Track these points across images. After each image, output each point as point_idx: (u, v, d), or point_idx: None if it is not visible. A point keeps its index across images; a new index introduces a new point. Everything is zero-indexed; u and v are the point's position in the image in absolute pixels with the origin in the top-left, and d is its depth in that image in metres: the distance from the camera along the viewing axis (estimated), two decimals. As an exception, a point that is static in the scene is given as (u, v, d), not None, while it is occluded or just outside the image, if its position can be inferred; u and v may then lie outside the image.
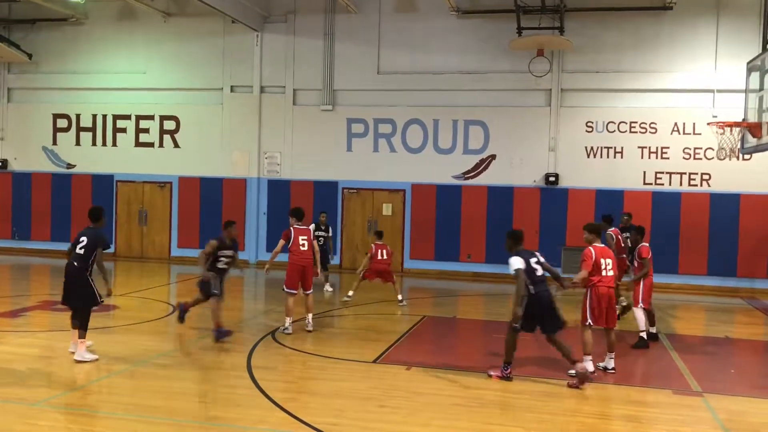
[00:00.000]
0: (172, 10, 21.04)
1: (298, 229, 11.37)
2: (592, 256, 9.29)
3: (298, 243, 11.23)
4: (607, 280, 9.29)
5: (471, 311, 14.47)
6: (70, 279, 9.54)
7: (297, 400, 7.99)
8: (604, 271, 9.28)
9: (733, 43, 17.72)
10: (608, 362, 9.51)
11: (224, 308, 14.71)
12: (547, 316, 8.84)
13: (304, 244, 11.28)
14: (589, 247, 9.43)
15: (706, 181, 18.18)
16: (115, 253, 21.61)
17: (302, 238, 11.28)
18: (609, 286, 9.31)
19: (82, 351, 9.38)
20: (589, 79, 18.72)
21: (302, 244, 11.26)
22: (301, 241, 11.25)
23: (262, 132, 20.66)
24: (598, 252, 9.35)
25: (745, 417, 8.01)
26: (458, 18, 19.29)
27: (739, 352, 12.01)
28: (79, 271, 9.43)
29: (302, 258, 11.27)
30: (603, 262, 9.29)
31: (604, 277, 9.27)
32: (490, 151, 19.28)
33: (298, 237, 11.24)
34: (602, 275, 9.26)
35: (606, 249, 9.55)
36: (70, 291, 9.57)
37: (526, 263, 8.83)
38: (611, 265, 9.35)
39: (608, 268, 9.30)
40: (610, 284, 9.32)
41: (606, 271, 9.28)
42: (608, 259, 9.37)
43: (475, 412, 7.79)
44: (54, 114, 22.06)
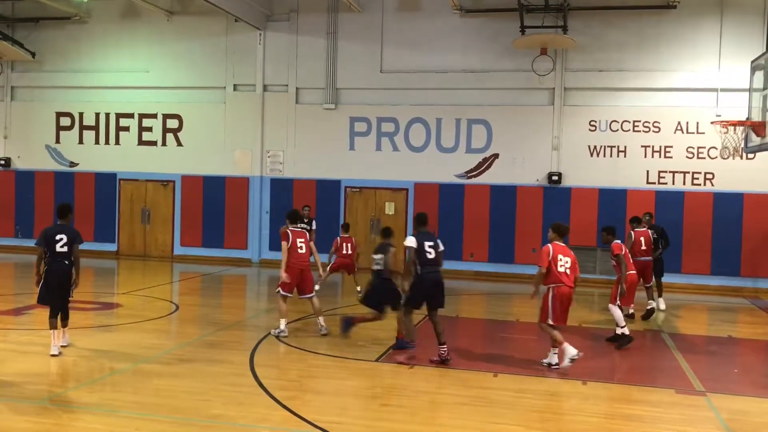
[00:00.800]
0: (175, 9, 21.05)
1: (295, 231, 11.34)
2: (549, 252, 9.37)
3: (296, 246, 11.21)
4: (566, 279, 9.33)
5: (473, 310, 14.47)
6: (65, 278, 9.56)
7: (299, 398, 7.99)
8: (562, 268, 9.32)
9: (736, 41, 17.68)
10: (551, 357, 9.56)
11: (228, 306, 14.79)
12: (432, 295, 9.67)
13: (302, 247, 11.23)
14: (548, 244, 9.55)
15: (710, 181, 18.15)
16: (118, 251, 21.64)
17: (300, 241, 11.23)
18: (569, 286, 9.35)
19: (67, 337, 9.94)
20: (592, 77, 18.70)
21: (300, 247, 11.21)
22: (299, 244, 11.21)
23: (264, 130, 20.66)
24: (557, 249, 9.42)
25: (748, 417, 8.00)
26: (461, 17, 19.27)
27: (742, 351, 11.98)
28: (70, 268, 9.56)
29: (300, 261, 11.25)
30: (562, 259, 9.35)
31: (563, 274, 9.31)
32: (493, 150, 19.26)
33: (296, 240, 11.22)
34: (560, 273, 9.30)
35: (565, 247, 9.55)
36: (63, 289, 9.62)
37: (419, 244, 9.59)
38: (569, 263, 9.37)
39: (567, 266, 9.34)
40: (569, 284, 9.35)
41: (565, 269, 9.33)
42: (567, 257, 9.40)
43: (478, 411, 7.78)
44: (57, 112, 22.09)
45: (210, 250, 20.96)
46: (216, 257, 20.76)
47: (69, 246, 9.50)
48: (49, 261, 9.49)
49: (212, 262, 20.46)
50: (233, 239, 20.81)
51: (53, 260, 9.47)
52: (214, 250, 20.92)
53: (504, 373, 9.34)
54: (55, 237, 9.45)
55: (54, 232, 9.52)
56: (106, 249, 21.59)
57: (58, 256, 9.45)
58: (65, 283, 9.58)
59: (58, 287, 9.56)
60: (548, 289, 9.42)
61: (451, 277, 17.96)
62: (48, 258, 9.49)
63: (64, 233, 9.50)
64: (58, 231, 9.53)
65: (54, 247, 9.42)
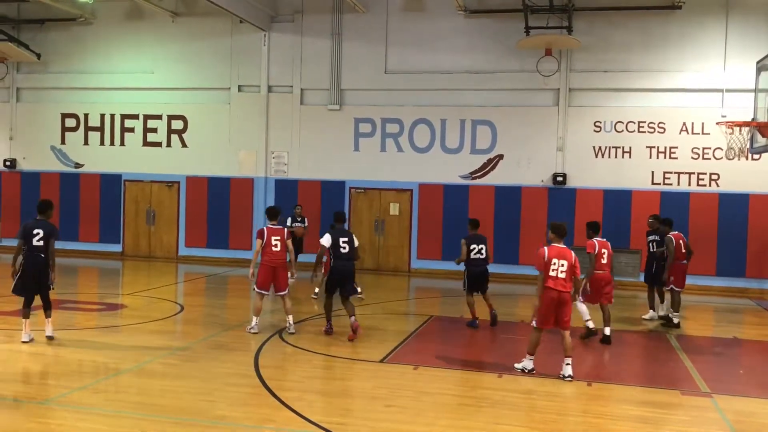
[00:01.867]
0: (180, 10, 21.09)
1: (272, 228, 11.34)
2: (543, 255, 9.13)
3: (271, 243, 11.21)
4: (553, 283, 9.03)
5: (478, 311, 14.42)
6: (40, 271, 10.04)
7: (304, 399, 7.99)
8: (554, 272, 9.03)
9: (742, 42, 17.64)
10: (565, 369, 9.09)
11: (233, 307, 14.79)
12: (344, 283, 11.11)
13: (277, 245, 11.23)
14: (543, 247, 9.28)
15: (715, 181, 18.10)
16: (123, 252, 21.68)
17: (275, 238, 11.23)
18: (558, 290, 9.03)
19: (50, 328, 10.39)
20: (597, 78, 18.67)
21: (275, 245, 11.22)
22: (273, 242, 11.21)
23: (269, 131, 20.68)
24: (552, 252, 9.14)
25: (754, 418, 7.97)
26: (466, 17, 19.26)
27: (747, 353, 11.95)
28: (45, 261, 10.04)
29: (273, 258, 11.25)
30: (556, 262, 9.05)
31: (551, 278, 9.03)
32: (498, 151, 19.24)
33: (270, 237, 11.23)
34: (549, 276, 9.03)
35: (563, 250, 9.18)
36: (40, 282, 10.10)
37: (333, 240, 11.04)
38: (565, 266, 9.05)
39: (560, 270, 9.03)
40: (559, 287, 9.03)
41: (557, 273, 9.03)
42: (562, 261, 9.07)
43: (482, 412, 7.77)
44: (62, 114, 22.13)
45: (215, 250, 20.98)
46: (221, 258, 20.77)
47: (45, 241, 10.03)
48: (26, 254, 10.07)
49: (217, 263, 20.47)
50: (238, 240, 20.82)
51: (30, 254, 10.04)
52: (219, 251, 20.94)
53: (508, 374, 9.33)
54: (33, 231, 10.03)
55: (32, 226, 10.11)
56: (111, 250, 21.64)
57: (34, 250, 10.01)
58: (40, 275, 10.08)
59: (32, 279, 10.08)
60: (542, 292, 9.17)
61: (455, 278, 18.00)
62: (25, 251, 10.06)
63: (40, 228, 10.07)
64: (35, 226, 10.10)
65: (31, 241, 10.00)
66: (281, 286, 11.44)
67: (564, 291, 9.10)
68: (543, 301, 9.12)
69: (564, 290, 9.10)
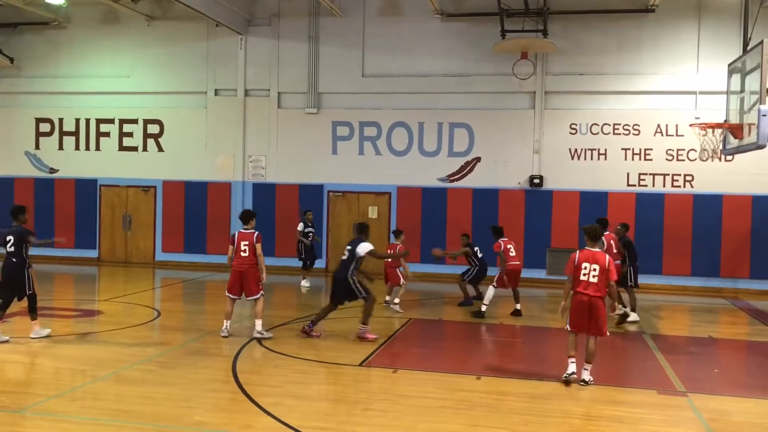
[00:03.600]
0: (156, 14, 20.97)
1: (242, 233, 11.33)
2: (574, 259, 9.07)
3: (240, 248, 11.23)
4: (587, 286, 8.92)
5: (457, 313, 14.49)
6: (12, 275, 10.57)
7: (283, 404, 7.96)
8: (585, 276, 8.92)
9: (714, 45, 17.89)
10: (583, 373, 9.08)
11: (211, 312, 14.71)
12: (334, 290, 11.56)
13: (245, 250, 11.22)
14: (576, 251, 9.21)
15: (689, 183, 18.33)
16: (99, 257, 21.49)
17: (243, 243, 11.23)
18: (589, 294, 8.90)
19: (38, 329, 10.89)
20: (572, 81, 18.83)
21: (243, 250, 11.22)
22: (242, 246, 11.22)
23: (246, 135, 20.61)
24: (582, 256, 9.05)
25: (729, 416, 8.08)
26: (442, 21, 19.35)
27: (722, 351, 12.09)
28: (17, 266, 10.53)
29: (241, 263, 11.26)
30: (587, 266, 8.93)
31: (584, 282, 8.92)
32: (475, 154, 19.34)
33: (240, 242, 11.24)
34: (581, 281, 8.93)
35: (597, 253, 9.05)
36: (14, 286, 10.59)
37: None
38: (597, 270, 8.89)
39: (592, 274, 8.89)
40: (590, 292, 8.90)
41: (588, 277, 8.91)
42: (594, 265, 8.91)
43: (461, 414, 7.80)
44: (36, 118, 21.92)
45: (192, 255, 20.86)
46: (198, 263, 20.66)
47: (17, 245, 10.51)
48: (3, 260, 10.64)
49: (194, 268, 20.36)
50: (215, 245, 20.69)
51: (5, 259, 10.58)
52: (197, 256, 20.82)
53: (487, 375, 9.38)
54: (6, 238, 10.55)
55: (5, 233, 10.63)
56: (86, 255, 21.45)
57: (8, 255, 10.57)
58: (13, 280, 10.55)
59: (6, 283, 10.59)
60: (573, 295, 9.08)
61: (433, 281, 18.05)
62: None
63: (12, 234, 10.58)
64: (8, 232, 10.61)
65: (6, 247, 10.57)
66: (251, 291, 11.37)
67: (594, 296, 8.92)
68: (573, 305, 9.02)
69: (595, 295, 8.92)
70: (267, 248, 20.09)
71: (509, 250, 13.79)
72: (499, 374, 9.47)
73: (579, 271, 8.97)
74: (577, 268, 8.98)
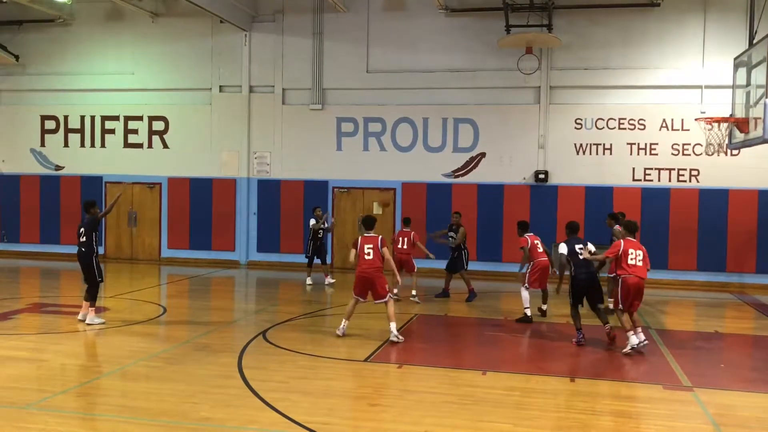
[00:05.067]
0: (160, 11, 20.97)
1: (365, 237, 11.08)
2: (619, 246, 10.42)
3: (364, 252, 10.97)
4: (635, 270, 10.27)
5: (462, 309, 14.48)
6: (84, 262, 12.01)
7: (288, 399, 7.98)
8: (633, 261, 10.26)
9: (720, 39, 17.80)
10: (639, 335, 10.36)
11: (216, 308, 14.75)
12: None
13: (369, 253, 10.89)
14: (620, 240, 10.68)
15: (695, 177, 18.26)
16: (105, 254, 21.54)
17: (367, 247, 10.94)
18: (639, 276, 10.28)
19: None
20: (577, 76, 18.77)
21: (367, 253, 10.90)
22: (366, 250, 10.94)
23: (251, 132, 20.62)
24: (627, 244, 10.39)
25: (735, 411, 8.06)
26: (446, 16, 19.30)
27: (728, 346, 12.08)
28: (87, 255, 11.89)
29: (366, 268, 11.00)
30: (633, 252, 10.31)
31: (633, 266, 10.26)
32: (480, 149, 19.31)
33: (363, 245, 11.05)
34: (629, 265, 10.26)
35: (637, 243, 10.48)
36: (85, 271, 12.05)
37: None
38: (641, 256, 10.32)
39: (638, 259, 10.29)
40: (640, 274, 10.28)
41: (635, 261, 10.27)
42: (638, 251, 10.34)
43: (466, 409, 7.80)
44: (42, 116, 21.96)
45: (198, 252, 20.90)
46: (204, 259, 20.70)
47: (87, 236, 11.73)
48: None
49: (200, 264, 20.40)
50: (221, 241, 20.76)
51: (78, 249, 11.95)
52: (202, 252, 20.86)
53: (492, 370, 9.37)
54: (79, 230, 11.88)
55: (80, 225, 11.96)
56: (92, 252, 21.47)
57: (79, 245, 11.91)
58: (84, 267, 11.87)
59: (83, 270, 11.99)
60: (619, 280, 10.49)
61: (439, 276, 18.04)
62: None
63: (83, 226, 11.83)
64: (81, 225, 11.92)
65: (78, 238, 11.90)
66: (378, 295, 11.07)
67: (643, 278, 10.40)
68: (624, 285, 10.36)
69: (644, 277, 10.40)
70: (272, 244, 20.42)
71: (537, 245, 13.17)
72: (505, 369, 9.46)
73: (626, 256, 10.36)
74: (624, 253, 10.37)
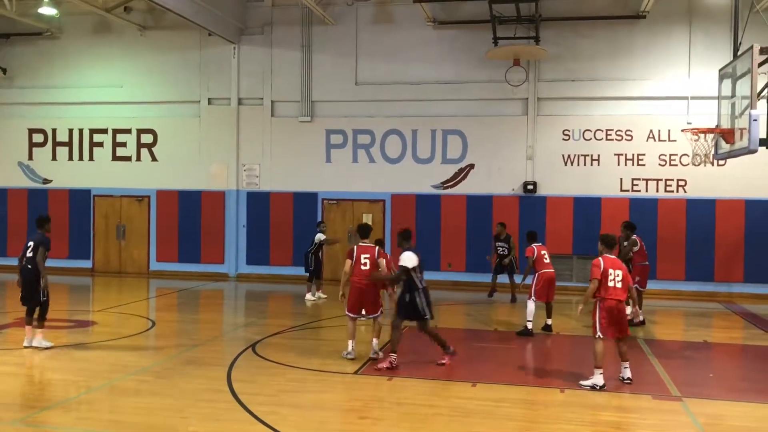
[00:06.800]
0: (148, 24, 20.98)
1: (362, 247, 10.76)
2: (600, 265, 9.23)
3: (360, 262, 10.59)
4: (614, 292, 9.14)
5: (452, 320, 14.48)
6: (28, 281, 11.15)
7: (277, 413, 7.94)
8: (612, 282, 9.13)
9: (705, 50, 17.97)
10: (624, 372, 9.45)
11: (205, 321, 14.69)
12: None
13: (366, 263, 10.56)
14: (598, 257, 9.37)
15: (682, 187, 18.38)
16: (93, 268, 21.43)
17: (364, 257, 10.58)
18: (618, 299, 9.15)
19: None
20: (565, 87, 18.89)
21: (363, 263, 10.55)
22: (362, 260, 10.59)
23: (240, 144, 20.61)
24: (608, 263, 9.25)
25: (724, 420, 8.09)
26: (434, 29, 19.40)
27: (717, 356, 12.13)
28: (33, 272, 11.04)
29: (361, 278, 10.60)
30: (612, 273, 9.16)
31: (612, 288, 9.13)
32: (469, 161, 19.37)
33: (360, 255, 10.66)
34: (609, 287, 9.13)
35: (617, 260, 9.40)
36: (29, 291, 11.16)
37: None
38: (621, 276, 9.18)
39: (617, 280, 9.15)
40: (618, 296, 9.15)
41: (615, 283, 9.14)
42: (618, 271, 9.20)
43: (456, 421, 7.79)
44: (29, 129, 21.87)
45: (186, 265, 20.81)
46: (193, 272, 20.61)
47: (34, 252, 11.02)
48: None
49: (189, 277, 20.31)
50: (210, 254, 20.69)
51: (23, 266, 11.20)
52: (191, 265, 20.77)
53: (482, 382, 9.37)
54: (27, 243, 11.16)
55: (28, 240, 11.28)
56: (81, 266, 21.38)
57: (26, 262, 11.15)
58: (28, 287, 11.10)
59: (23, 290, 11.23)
60: (596, 302, 9.27)
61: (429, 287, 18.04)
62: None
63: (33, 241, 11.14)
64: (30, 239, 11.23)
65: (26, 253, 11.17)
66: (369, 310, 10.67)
67: (622, 300, 9.25)
68: (603, 311, 9.16)
69: (622, 299, 9.24)
70: (261, 257, 20.37)
71: (543, 256, 12.89)
72: (495, 381, 9.46)
73: (606, 277, 9.17)
74: (605, 274, 9.18)
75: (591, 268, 9.33)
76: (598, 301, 9.22)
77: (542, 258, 12.94)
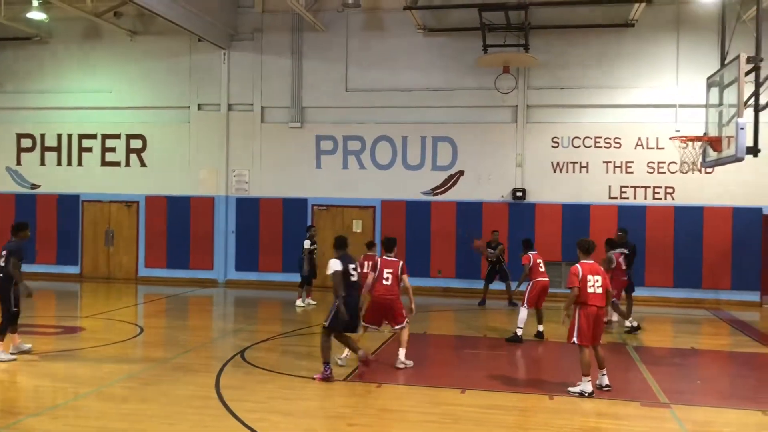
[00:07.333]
0: (138, 29, 20.94)
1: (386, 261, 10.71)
2: (578, 273, 9.15)
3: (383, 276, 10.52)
4: (594, 298, 9.09)
5: (442, 327, 14.50)
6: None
7: (266, 419, 7.92)
8: (591, 288, 9.08)
9: (693, 59, 18.11)
10: (602, 379, 9.35)
11: (194, 328, 14.63)
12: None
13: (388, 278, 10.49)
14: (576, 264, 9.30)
15: (670, 195, 18.49)
16: (81, 273, 21.32)
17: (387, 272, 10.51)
18: (597, 305, 9.10)
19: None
20: (554, 95, 18.98)
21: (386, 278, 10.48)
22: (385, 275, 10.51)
23: (230, 150, 20.58)
24: (585, 269, 9.18)
25: (712, 427, 8.12)
26: (425, 36, 19.47)
27: (704, 363, 12.18)
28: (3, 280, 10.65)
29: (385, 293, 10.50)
30: (591, 279, 9.11)
31: (591, 294, 9.07)
32: (459, 167, 19.42)
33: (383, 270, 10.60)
34: (589, 293, 9.07)
35: (595, 265, 9.31)
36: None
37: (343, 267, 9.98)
38: (600, 282, 9.14)
39: (596, 286, 9.10)
40: (598, 303, 9.10)
41: (594, 289, 9.09)
42: (596, 276, 9.16)
43: (446, 428, 7.79)
44: (18, 134, 21.76)
45: (175, 271, 20.75)
46: (181, 278, 20.55)
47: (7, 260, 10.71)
48: None
49: (177, 284, 20.24)
50: (199, 260, 20.63)
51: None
52: (180, 271, 20.71)
53: (471, 389, 9.37)
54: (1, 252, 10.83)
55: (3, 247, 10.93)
56: (68, 272, 21.27)
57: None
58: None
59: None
60: (576, 309, 9.18)
61: (418, 294, 18.06)
62: None
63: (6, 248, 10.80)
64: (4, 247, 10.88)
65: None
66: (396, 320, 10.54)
67: (602, 306, 9.19)
68: (583, 318, 9.09)
69: (602, 305, 9.18)
70: (250, 263, 20.32)
71: (539, 264, 12.88)
72: (484, 387, 9.47)
73: (585, 283, 9.10)
74: (583, 281, 9.10)
75: (569, 276, 9.25)
76: (578, 307, 9.14)
77: (537, 266, 12.93)
